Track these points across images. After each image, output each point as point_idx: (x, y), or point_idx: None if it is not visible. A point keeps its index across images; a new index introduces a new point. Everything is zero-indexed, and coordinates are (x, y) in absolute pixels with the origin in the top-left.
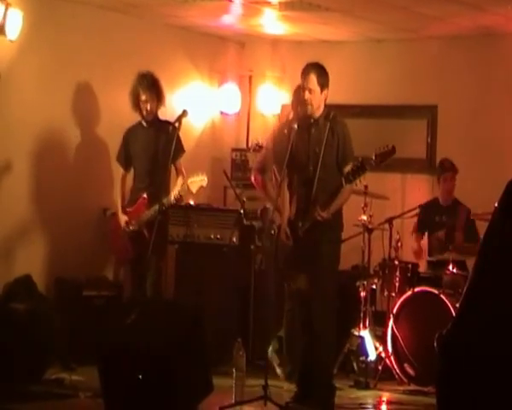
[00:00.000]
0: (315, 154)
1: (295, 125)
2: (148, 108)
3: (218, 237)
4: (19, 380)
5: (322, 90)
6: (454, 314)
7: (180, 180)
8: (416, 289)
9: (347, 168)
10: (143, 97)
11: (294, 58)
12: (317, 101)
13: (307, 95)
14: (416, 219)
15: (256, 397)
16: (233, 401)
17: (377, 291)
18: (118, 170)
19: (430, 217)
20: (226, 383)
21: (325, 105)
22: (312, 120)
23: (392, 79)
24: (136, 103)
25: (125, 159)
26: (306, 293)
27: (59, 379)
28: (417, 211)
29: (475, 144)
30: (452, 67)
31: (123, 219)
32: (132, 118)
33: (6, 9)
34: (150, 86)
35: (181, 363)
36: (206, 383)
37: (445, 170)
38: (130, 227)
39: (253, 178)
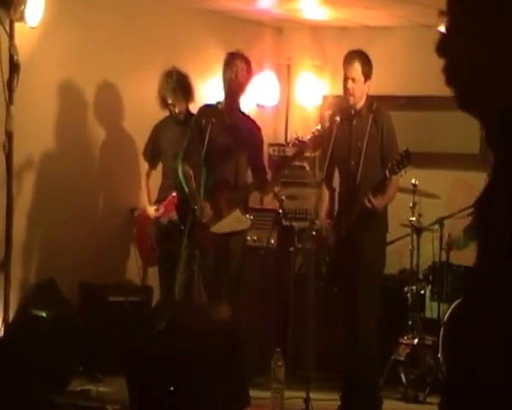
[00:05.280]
0: (357, 147)
1: (337, 118)
2: (177, 110)
3: (255, 238)
4: (42, 392)
5: (365, 81)
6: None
7: None
8: None
9: (392, 160)
10: (170, 101)
11: (336, 45)
12: (360, 91)
13: (350, 84)
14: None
15: None
16: None
17: (427, 297)
18: (145, 166)
19: None
20: (264, 396)
21: (367, 96)
22: (354, 112)
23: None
24: (164, 105)
25: (152, 155)
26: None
27: (85, 391)
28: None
29: None
30: None
31: (151, 210)
32: (161, 112)
33: None
34: (176, 88)
35: (215, 374)
36: (243, 396)
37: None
38: (161, 219)
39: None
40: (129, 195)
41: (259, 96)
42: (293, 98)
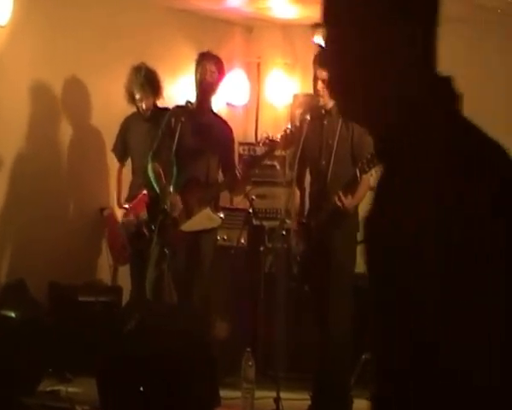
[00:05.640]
0: (328, 146)
1: (308, 117)
2: (144, 106)
3: (225, 238)
4: (11, 393)
5: None
6: None
7: None
8: None
9: (363, 159)
10: (138, 96)
11: (306, 44)
12: None
13: (320, 85)
14: None
15: None
16: None
17: None
18: (115, 165)
19: None
20: (235, 396)
21: None
22: (324, 111)
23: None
24: (132, 100)
25: (121, 150)
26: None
27: (54, 391)
28: None
29: None
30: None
31: (119, 214)
32: (129, 110)
33: None
34: (144, 83)
35: (185, 374)
36: (213, 395)
37: None
38: (131, 218)
39: None
40: (98, 194)
41: (230, 95)
42: (263, 97)
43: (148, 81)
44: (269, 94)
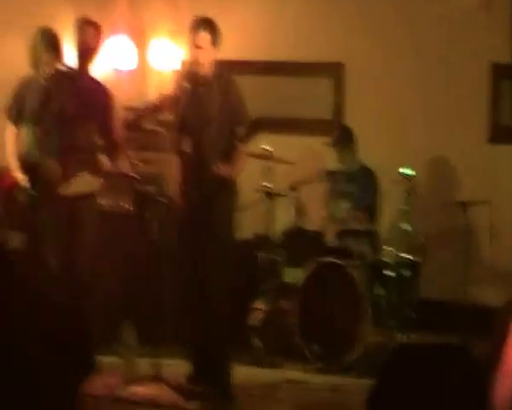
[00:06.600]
0: (206, 115)
1: (186, 85)
2: (48, 70)
3: (110, 203)
4: None
5: (213, 48)
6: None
7: None
8: (323, 261)
9: (242, 128)
10: (43, 59)
11: (192, 10)
12: (208, 59)
13: (197, 52)
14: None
15: (147, 377)
16: (122, 381)
17: (280, 262)
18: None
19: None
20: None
21: (217, 62)
22: (202, 80)
23: (297, 33)
24: (35, 63)
25: (17, 115)
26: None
27: None
28: (324, 177)
29: (384, 107)
30: (361, 22)
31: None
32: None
33: None
34: (49, 46)
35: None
36: (88, 362)
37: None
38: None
39: None
40: None
41: (116, 61)
42: (150, 63)
43: (53, 44)
44: (155, 60)
